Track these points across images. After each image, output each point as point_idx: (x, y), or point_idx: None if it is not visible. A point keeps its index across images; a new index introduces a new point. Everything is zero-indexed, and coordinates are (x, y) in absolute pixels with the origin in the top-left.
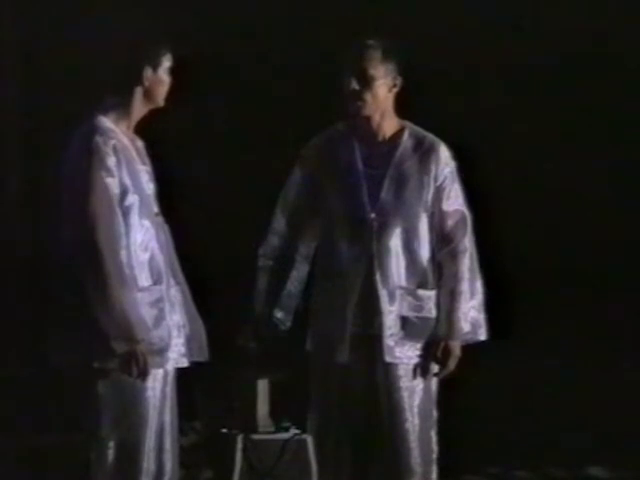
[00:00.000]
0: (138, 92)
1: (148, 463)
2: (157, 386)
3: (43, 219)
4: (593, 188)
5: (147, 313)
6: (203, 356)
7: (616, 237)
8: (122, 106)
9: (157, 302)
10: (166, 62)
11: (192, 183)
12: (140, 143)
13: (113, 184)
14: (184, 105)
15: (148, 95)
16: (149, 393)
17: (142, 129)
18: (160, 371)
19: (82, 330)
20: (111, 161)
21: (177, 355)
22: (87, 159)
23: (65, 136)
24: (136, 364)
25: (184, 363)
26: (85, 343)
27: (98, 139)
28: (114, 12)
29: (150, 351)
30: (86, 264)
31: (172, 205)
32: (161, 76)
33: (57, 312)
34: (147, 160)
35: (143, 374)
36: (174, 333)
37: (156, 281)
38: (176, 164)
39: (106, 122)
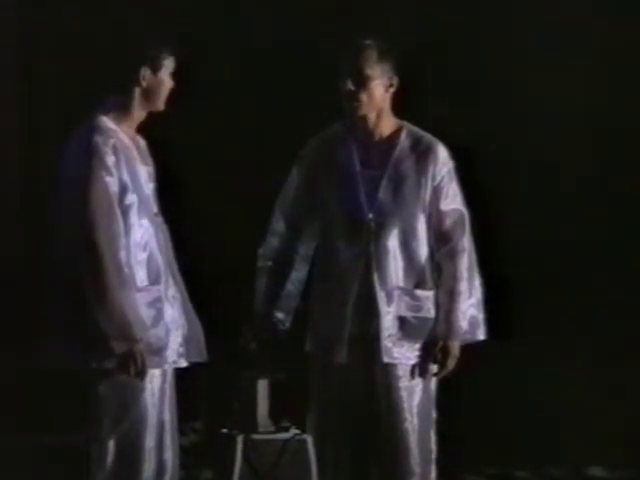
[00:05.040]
0: (137, 93)
1: (149, 462)
2: (156, 385)
3: (43, 219)
4: (593, 188)
5: (145, 313)
6: (201, 357)
7: (617, 237)
8: (122, 106)
9: (155, 302)
10: (168, 65)
11: (192, 183)
12: (143, 142)
13: (112, 183)
14: (184, 105)
15: (147, 97)
16: (148, 392)
17: (144, 128)
18: (158, 370)
19: (80, 330)
20: (110, 160)
21: (175, 355)
22: (87, 159)
23: (65, 136)
24: (134, 364)
25: (182, 363)
26: (83, 343)
27: (97, 139)
28: (116, 12)
29: (148, 351)
30: (85, 263)
31: (172, 205)
32: (162, 78)
33: (56, 312)
34: (149, 160)
35: (141, 374)
36: (172, 333)
37: (154, 281)
38: (176, 164)
39: (106, 122)
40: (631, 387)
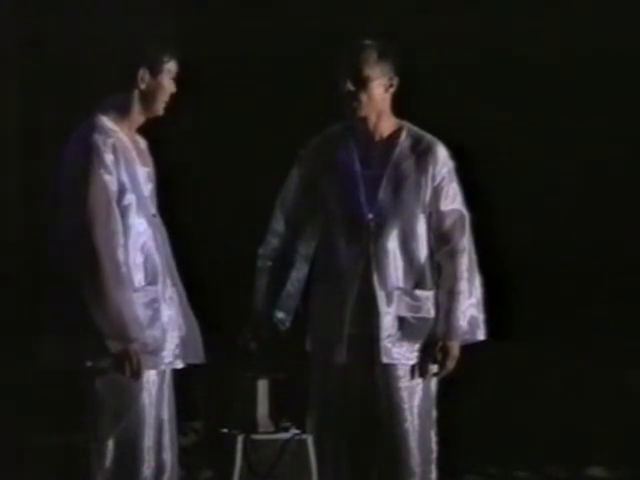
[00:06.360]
0: (135, 94)
1: (148, 462)
2: (154, 385)
3: (43, 219)
4: (593, 188)
5: (142, 313)
6: (198, 358)
7: (617, 237)
8: (122, 107)
9: (152, 302)
10: (169, 69)
11: (192, 183)
12: (143, 144)
13: (111, 181)
14: (185, 106)
15: (146, 100)
16: (146, 392)
17: (144, 129)
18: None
19: (77, 329)
20: (109, 159)
21: (171, 356)
22: (86, 157)
23: (65, 137)
24: (129, 363)
25: (178, 365)
26: (80, 342)
27: (97, 137)
28: (116, 13)
29: (144, 351)
30: (83, 262)
31: (172, 205)
32: (161, 82)
33: (54, 311)
34: (149, 161)
35: (136, 374)
36: (168, 334)
37: (151, 282)
38: (176, 164)
39: (106, 121)
40: (631, 387)
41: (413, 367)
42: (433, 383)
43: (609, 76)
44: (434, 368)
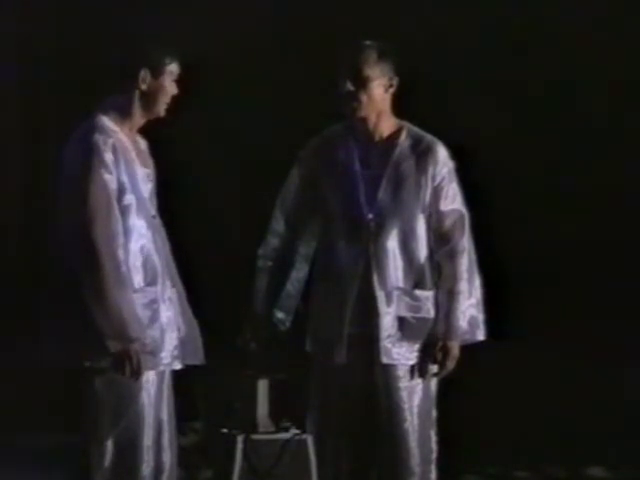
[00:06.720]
0: (136, 95)
1: (147, 462)
2: (153, 384)
3: (43, 219)
4: (593, 188)
5: (141, 314)
6: (198, 359)
7: (617, 237)
8: (122, 107)
9: (151, 303)
10: (171, 71)
11: (192, 183)
12: (143, 144)
13: (111, 181)
14: (185, 107)
15: (147, 101)
16: (145, 392)
17: (144, 129)
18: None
19: (77, 328)
20: (109, 158)
21: (170, 357)
22: (86, 156)
23: (65, 136)
24: (129, 363)
25: (177, 366)
26: (79, 341)
27: (97, 137)
28: (117, 12)
29: (143, 351)
30: (83, 261)
31: (172, 206)
32: (163, 84)
33: (53, 311)
34: (149, 162)
35: (136, 374)
36: (167, 335)
37: (151, 282)
38: (177, 165)
39: (106, 121)
40: (631, 387)
41: (413, 367)
42: (433, 383)
43: (609, 75)
44: (434, 368)
